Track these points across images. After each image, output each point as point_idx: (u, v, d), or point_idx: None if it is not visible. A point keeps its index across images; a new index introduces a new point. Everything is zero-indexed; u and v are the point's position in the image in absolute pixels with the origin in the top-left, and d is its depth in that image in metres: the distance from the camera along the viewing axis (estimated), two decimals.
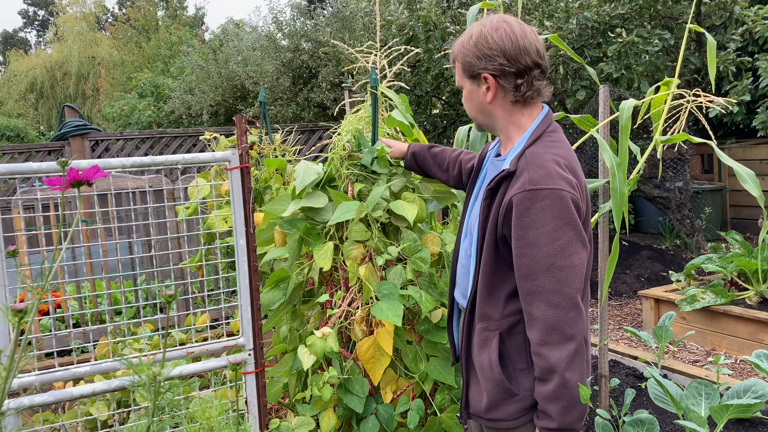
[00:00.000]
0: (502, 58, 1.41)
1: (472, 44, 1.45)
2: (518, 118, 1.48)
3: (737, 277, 4.17)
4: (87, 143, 6.22)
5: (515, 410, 1.43)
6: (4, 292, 1.54)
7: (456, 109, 6.63)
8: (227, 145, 2.82)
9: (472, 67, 1.45)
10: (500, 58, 1.41)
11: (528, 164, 1.36)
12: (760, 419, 2.83)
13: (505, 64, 1.41)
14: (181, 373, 1.74)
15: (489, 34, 1.42)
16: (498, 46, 1.41)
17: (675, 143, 3.81)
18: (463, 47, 1.48)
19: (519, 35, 1.41)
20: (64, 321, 4.01)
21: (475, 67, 1.45)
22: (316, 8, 9.88)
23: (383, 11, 6.05)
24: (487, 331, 1.45)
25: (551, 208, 1.31)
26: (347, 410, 1.98)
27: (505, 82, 1.43)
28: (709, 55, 2.54)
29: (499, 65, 1.41)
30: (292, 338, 2.19)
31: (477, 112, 1.53)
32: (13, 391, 1.50)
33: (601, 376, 2.73)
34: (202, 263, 2.53)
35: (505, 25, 1.43)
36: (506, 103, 1.47)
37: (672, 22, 5.50)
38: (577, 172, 1.41)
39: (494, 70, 1.42)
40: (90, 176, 1.16)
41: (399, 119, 2.19)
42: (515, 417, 1.43)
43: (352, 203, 1.96)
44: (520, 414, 1.43)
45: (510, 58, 1.41)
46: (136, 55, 18.53)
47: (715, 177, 7.77)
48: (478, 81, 1.46)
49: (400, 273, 1.99)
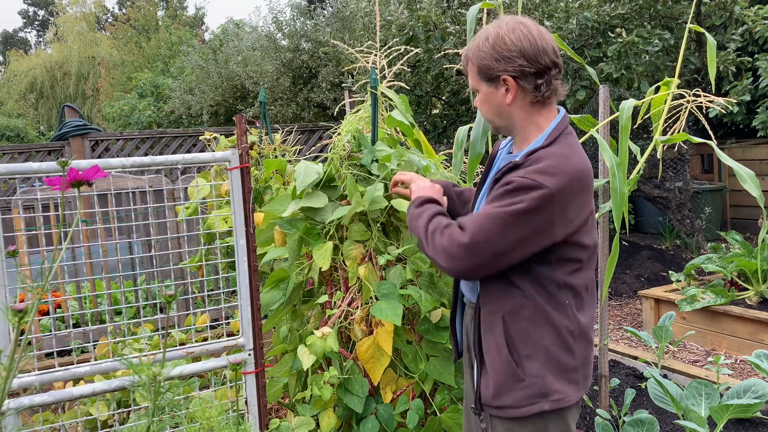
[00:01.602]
0: (522, 59, 1.41)
1: (489, 47, 1.44)
2: (537, 118, 1.48)
3: (737, 277, 4.17)
4: (87, 143, 6.22)
5: (522, 397, 1.43)
6: (4, 292, 1.54)
7: (456, 109, 6.62)
8: (227, 145, 2.82)
9: (490, 69, 1.45)
10: (520, 59, 1.41)
11: (535, 159, 1.38)
12: (760, 419, 2.83)
13: (524, 65, 1.42)
14: (181, 373, 1.74)
15: (506, 36, 1.42)
16: (516, 47, 1.41)
17: (675, 143, 3.81)
18: (478, 50, 1.47)
19: (536, 35, 1.42)
20: (64, 321, 4.01)
21: (493, 69, 1.44)
22: (316, 8, 9.88)
23: (383, 11, 6.05)
24: (492, 315, 1.46)
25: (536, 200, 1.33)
26: (347, 410, 1.98)
27: (525, 83, 1.44)
28: (709, 55, 2.54)
29: (519, 66, 1.42)
30: (292, 338, 2.19)
31: (494, 115, 1.52)
32: (13, 391, 1.50)
33: (601, 376, 2.73)
34: (202, 263, 2.53)
35: (521, 26, 1.43)
36: (525, 104, 1.47)
37: (672, 22, 5.50)
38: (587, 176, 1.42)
39: (514, 72, 1.43)
40: (90, 176, 1.16)
41: (399, 119, 2.19)
42: (522, 404, 1.43)
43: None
44: (527, 402, 1.43)
45: (529, 59, 1.41)
46: (136, 55, 18.52)
47: (715, 177, 7.77)
48: (497, 83, 1.46)
49: (399, 273, 1.99)
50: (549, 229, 1.36)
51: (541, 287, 1.42)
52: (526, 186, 1.34)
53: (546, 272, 1.41)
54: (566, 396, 1.44)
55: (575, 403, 1.48)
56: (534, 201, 1.33)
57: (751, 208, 7.29)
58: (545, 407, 1.42)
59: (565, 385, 1.44)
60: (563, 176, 1.35)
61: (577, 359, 1.46)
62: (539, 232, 1.36)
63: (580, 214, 1.41)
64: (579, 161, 1.41)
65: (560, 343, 1.43)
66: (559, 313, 1.43)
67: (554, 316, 1.42)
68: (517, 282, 1.43)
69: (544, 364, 1.43)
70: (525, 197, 1.33)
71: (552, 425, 1.45)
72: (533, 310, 1.42)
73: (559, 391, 1.43)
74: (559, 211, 1.35)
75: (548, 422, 1.45)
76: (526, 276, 1.42)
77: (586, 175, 1.42)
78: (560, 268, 1.42)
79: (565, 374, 1.44)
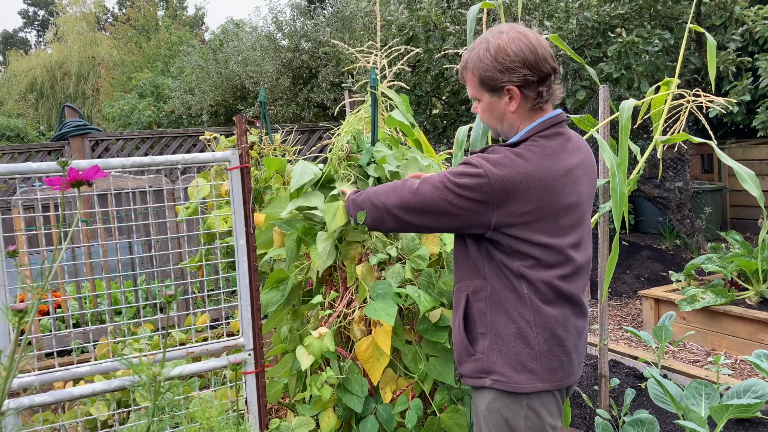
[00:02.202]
0: (525, 69, 1.46)
1: (491, 58, 1.48)
2: (524, 123, 1.55)
3: (737, 277, 4.17)
4: (87, 143, 6.22)
5: (472, 369, 1.56)
6: (4, 292, 1.54)
7: (456, 109, 6.62)
8: (227, 145, 2.82)
9: (494, 80, 1.50)
10: (523, 69, 1.46)
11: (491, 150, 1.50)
12: (760, 419, 2.83)
13: (528, 75, 1.47)
14: (181, 373, 1.74)
15: (508, 47, 1.46)
16: (519, 57, 1.46)
17: (675, 143, 3.81)
18: (480, 61, 1.51)
19: (536, 43, 1.47)
20: (64, 321, 4.01)
21: (497, 80, 1.49)
22: (316, 8, 9.88)
23: (383, 11, 6.05)
24: (459, 292, 1.60)
25: (471, 177, 1.44)
26: (347, 410, 1.98)
27: (528, 91, 1.49)
28: (709, 55, 2.54)
29: (523, 76, 1.47)
30: (292, 338, 2.19)
31: (497, 122, 1.58)
32: (13, 391, 1.50)
33: (601, 376, 2.73)
34: (202, 263, 2.52)
35: (521, 36, 1.48)
36: (525, 110, 1.53)
37: (672, 22, 5.50)
38: (536, 180, 1.46)
39: (519, 82, 1.48)
40: (90, 176, 1.16)
41: (399, 119, 2.19)
42: (473, 375, 1.56)
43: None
44: (476, 374, 1.55)
45: (532, 68, 1.46)
46: (136, 55, 18.52)
47: (715, 177, 7.76)
48: (500, 93, 1.51)
49: (398, 272, 1.99)
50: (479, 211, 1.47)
51: (500, 273, 1.51)
52: (472, 163, 1.47)
53: (504, 260, 1.49)
54: (511, 381, 1.50)
55: (542, 392, 1.51)
56: (472, 179, 1.44)
57: (751, 208, 7.29)
58: (486, 383, 1.52)
59: (514, 371, 1.50)
60: (508, 170, 1.44)
61: (533, 349, 1.50)
62: (467, 210, 1.48)
63: (524, 211, 1.45)
64: (530, 166, 1.45)
65: (514, 330, 1.50)
66: (516, 302, 1.49)
67: (510, 303, 1.50)
68: (482, 266, 1.54)
69: (492, 344, 1.52)
70: (469, 171, 1.46)
71: (505, 406, 1.51)
72: (491, 293, 1.52)
73: (503, 373, 1.50)
74: (497, 198, 1.44)
75: (501, 401, 1.52)
76: (489, 262, 1.52)
77: (535, 178, 1.45)
78: (516, 260, 1.48)
79: (517, 360, 1.50)
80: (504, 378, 1.51)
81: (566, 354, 1.53)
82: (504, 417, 1.52)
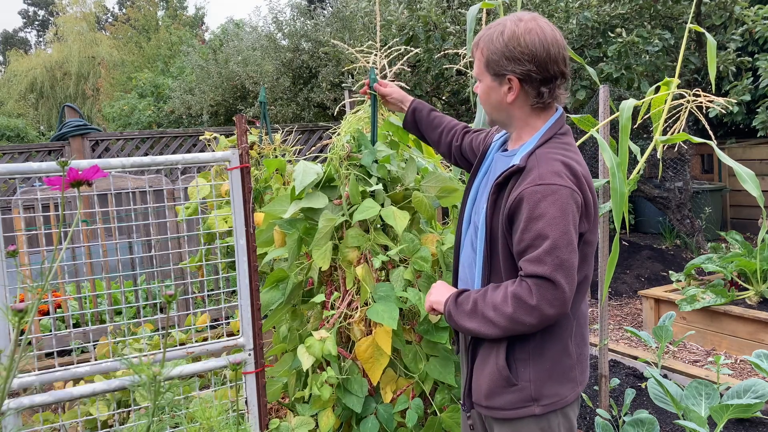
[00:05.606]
0: (531, 64, 1.40)
1: (503, 42, 1.41)
2: (534, 121, 1.49)
3: (737, 277, 4.17)
4: (87, 143, 6.21)
5: (514, 400, 1.43)
6: (4, 292, 1.54)
7: (456, 109, 6.62)
8: (227, 145, 2.82)
9: (498, 65, 1.43)
10: (529, 64, 1.40)
11: (538, 162, 1.38)
12: (760, 419, 2.83)
13: (532, 71, 1.40)
14: (181, 373, 1.74)
15: (522, 36, 1.39)
16: (529, 50, 1.39)
17: (675, 143, 3.81)
18: (491, 42, 1.44)
19: (551, 41, 1.40)
20: (64, 321, 4.01)
21: (501, 66, 1.43)
22: (316, 8, 9.88)
23: (383, 11, 6.05)
24: None
25: (560, 203, 1.33)
26: (346, 410, 1.98)
27: (529, 87, 1.43)
28: (709, 55, 2.54)
29: (527, 71, 1.40)
30: (292, 338, 2.19)
31: (493, 109, 1.52)
32: (13, 391, 1.50)
33: (601, 376, 2.73)
34: (202, 263, 2.52)
35: (537, 29, 1.40)
36: (525, 106, 1.47)
37: (672, 22, 5.50)
38: (582, 174, 1.41)
39: (521, 74, 1.41)
40: (90, 176, 1.16)
41: (397, 124, 2.18)
42: (514, 407, 1.43)
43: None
44: (519, 404, 1.43)
45: (539, 65, 1.40)
46: (136, 55, 18.51)
47: (715, 177, 7.76)
48: (501, 80, 1.45)
49: (401, 275, 1.99)
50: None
51: None
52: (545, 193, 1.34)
53: None
54: (560, 398, 1.43)
55: (574, 400, 1.48)
56: (561, 204, 1.34)
57: (751, 208, 7.29)
58: (535, 411, 1.42)
59: (561, 386, 1.43)
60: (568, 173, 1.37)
61: (572, 356, 1.46)
62: (574, 221, 1.36)
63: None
64: (583, 170, 1.41)
65: (558, 346, 1.43)
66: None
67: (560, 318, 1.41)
68: None
69: (538, 368, 1.42)
70: (552, 210, 1.33)
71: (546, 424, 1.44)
72: None
73: (552, 395, 1.42)
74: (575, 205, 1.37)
75: (544, 421, 1.44)
76: None
77: (590, 184, 1.43)
78: None
79: (562, 375, 1.44)
80: (556, 398, 1.43)
81: (588, 351, 1.52)
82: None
